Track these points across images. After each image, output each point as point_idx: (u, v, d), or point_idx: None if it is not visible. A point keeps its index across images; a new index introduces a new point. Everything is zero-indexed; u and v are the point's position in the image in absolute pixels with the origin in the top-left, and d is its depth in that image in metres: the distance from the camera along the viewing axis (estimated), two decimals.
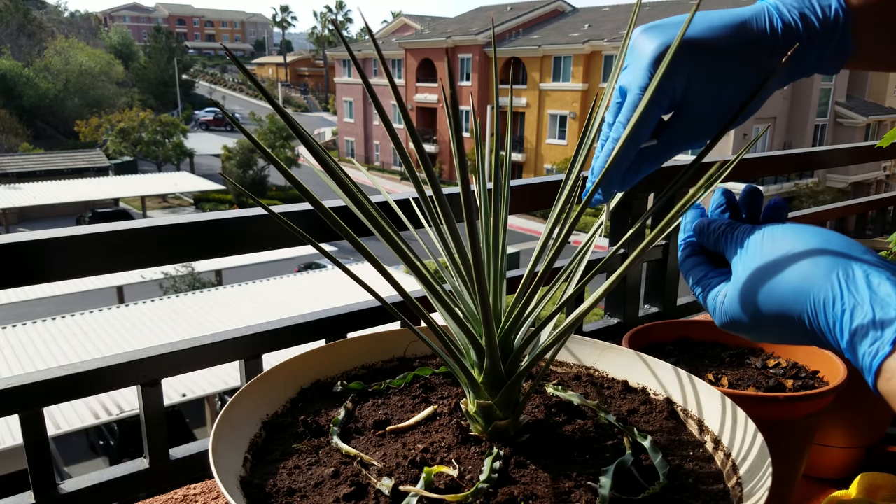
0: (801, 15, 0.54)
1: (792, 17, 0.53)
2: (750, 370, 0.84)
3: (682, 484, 0.55)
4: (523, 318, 0.58)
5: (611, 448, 0.59)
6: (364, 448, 0.58)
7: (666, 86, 0.52)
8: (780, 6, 0.54)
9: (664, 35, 0.53)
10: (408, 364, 0.76)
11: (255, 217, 0.84)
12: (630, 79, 0.54)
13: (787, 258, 0.46)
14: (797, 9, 0.54)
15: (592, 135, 0.59)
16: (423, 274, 0.55)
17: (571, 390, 0.68)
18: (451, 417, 0.62)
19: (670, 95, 0.53)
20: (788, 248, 0.46)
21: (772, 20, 0.53)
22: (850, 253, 0.43)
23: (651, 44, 0.53)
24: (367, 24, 0.48)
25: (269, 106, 0.50)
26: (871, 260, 0.42)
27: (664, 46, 0.52)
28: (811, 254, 0.45)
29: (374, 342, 0.77)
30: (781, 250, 0.46)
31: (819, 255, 0.44)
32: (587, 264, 0.63)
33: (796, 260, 0.45)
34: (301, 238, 0.51)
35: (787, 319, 0.45)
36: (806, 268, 0.44)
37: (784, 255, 0.46)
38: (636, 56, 0.54)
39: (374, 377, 0.73)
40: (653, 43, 0.53)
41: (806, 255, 0.45)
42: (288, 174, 0.48)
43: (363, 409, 0.66)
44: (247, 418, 0.61)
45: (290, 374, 0.69)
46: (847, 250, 0.44)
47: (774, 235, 0.48)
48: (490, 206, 0.61)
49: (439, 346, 0.58)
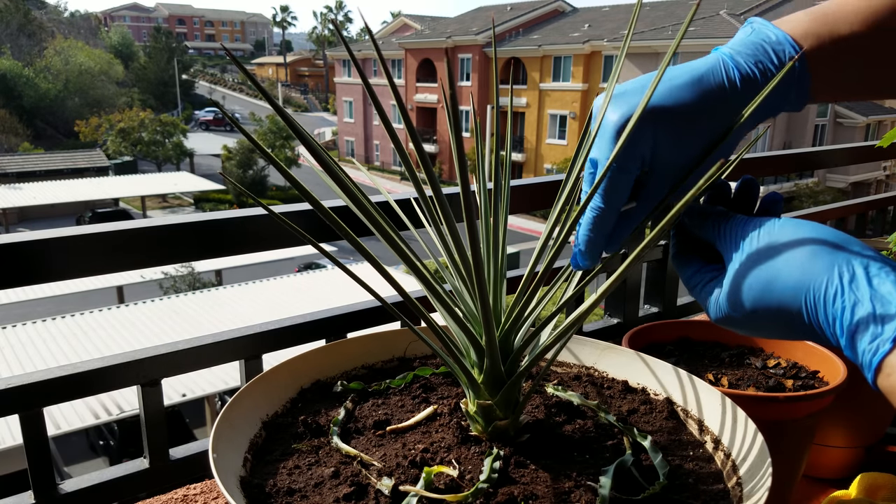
0: (756, 64, 0.54)
1: (749, 66, 0.54)
2: (750, 370, 0.84)
3: (682, 484, 0.55)
4: (523, 318, 0.58)
5: (611, 448, 0.59)
6: (364, 448, 0.59)
7: (634, 154, 0.53)
8: (736, 56, 0.54)
9: (625, 105, 0.54)
10: (408, 364, 0.76)
11: (255, 217, 0.84)
12: (597, 152, 0.55)
13: (785, 253, 0.45)
14: (752, 57, 0.54)
15: (592, 135, 0.59)
16: (423, 274, 0.55)
17: (571, 390, 0.68)
18: (451, 417, 0.62)
19: (639, 161, 0.54)
20: (786, 243, 0.46)
21: (727, 72, 0.54)
22: (849, 248, 0.43)
23: (614, 115, 0.54)
24: (366, 25, 0.48)
25: (269, 106, 0.50)
26: (871, 256, 0.42)
27: (625, 118, 0.53)
28: (809, 249, 0.44)
29: (374, 342, 0.77)
30: (778, 244, 0.46)
31: (818, 250, 0.44)
32: None
33: (794, 255, 0.45)
34: (301, 238, 0.51)
35: (785, 314, 0.45)
36: (805, 263, 0.44)
37: (781, 250, 0.46)
38: (602, 129, 0.55)
39: (374, 377, 0.73)
40: (615, 114, 0.54)
41: (804, 251, 0.45)
42: (287, 174, 0.48)
43: (363, 409, 0.66)
44: (247, 418, 0.61)
45: (290, 374, 0.69)
46: (846, 246, 0.44)
47: (771, 229, 0.48)
48: (490, 206, 0.61)
49: (439, 346, 0.58)
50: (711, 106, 0.53)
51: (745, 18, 0.64)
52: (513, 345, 0.58)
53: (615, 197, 0.54)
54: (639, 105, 0.51)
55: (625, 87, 0.56)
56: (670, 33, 21.88)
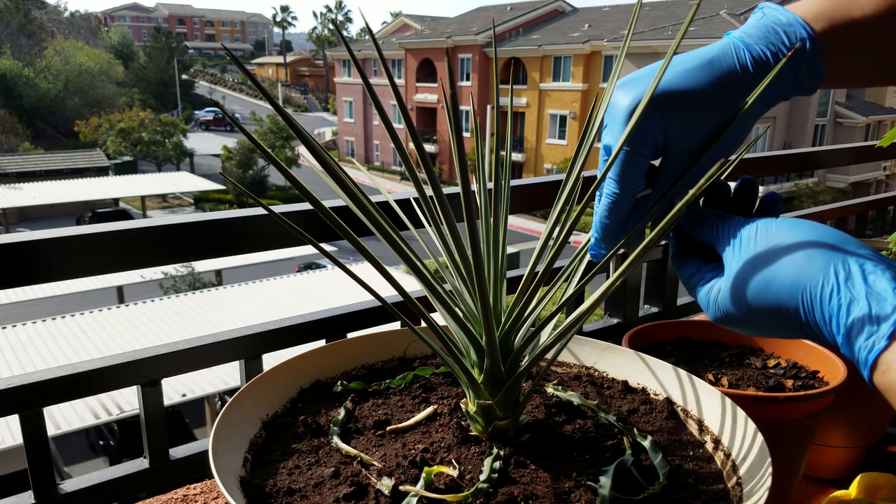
0: (768, 46, 0.54)
1: (760, 49, 0.54)
2: (750, 370, 0.84)
3: (682, 484, 0.55)
4: (523, 318, 0.58)
5: (611, 448, 0.59)
6: (364, 448, 0.58)
7: (646, 137, 0.53)
8: (747, 39, 0.55)
9: (636, 89, 0.54)
10: (408, 364, 0.76)
11: (255, 217, 0.84)
12: (610, 137, 0.55)
13: (782, 252, 0.46)
14: (763, 40, 0.54)
15: (593, 135, 0.59)
16: (423, 274, 0.55)
17: (571, 390, 0.68)
18: (451, 417, 0.62)
19: (652, 146, 0.54)
20: (783, 242, 0.46)
21: (738, 55, 0.54)
22: (845, 247, 0.44)
23: (625, 99, 0.54)
24: (367, 25, 0.48)
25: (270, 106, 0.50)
26: (867, 254, 0.43)
27: (637, 101, 0.53)
28: (806, 248, 0.45)
29: (374, 342, 0.77)
30: (776, 244, 0.46)
31: (814, 249, 0.44)
32: (587, 264, 0.63)
33: (791, 254, 0.45)
34: (301, 238, 0.51)
35: (782, 313, 0.45)
36: (801, 262, 0.44)
37: (778, 250, 0.46)
38: (613, 114, 0.55)
39: (374, 377, 0.73)
40: (626, 98, 0.54)
41: (801, 250, 0.45)
42: (288, 174, 0.48)
43: (363, 409, 0.66)
44: (247, 418, 0.61)
45: (290, 374, 0.69)
46: (842, 244, 0.44)
47: (768, 229, 0.48)
48: (490, 206, 0.61)
49: (439, 346, 0.58)
50: (723, 90, 0.53)
51: (746, 18, 0.63)
52: (513, 345, 0.58)
53: (630, 181, 0.54)
54: (649, 88, 0.51)
55: (635, 74, 0.56)
56: (670, 33, 21.87)
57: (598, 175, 0.54)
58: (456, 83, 0.44)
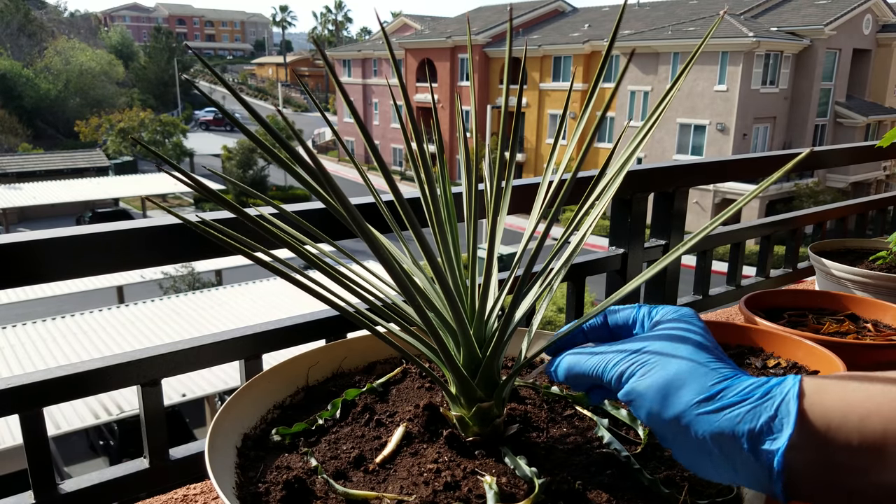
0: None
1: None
2: (750, 370, 0.84)
3: (682, 478, 0.55)
4: (496, 301, 0.58)
5: (596, 440, 0.58)
6: (370, 487, 0.52)
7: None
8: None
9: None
10: (317, 393, 0.69)
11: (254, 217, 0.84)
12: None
13: None
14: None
15: (590, 135, 0.59)
16: (396, 270, 0.52)
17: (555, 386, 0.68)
18: (427, 433, 0.58)
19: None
20: None
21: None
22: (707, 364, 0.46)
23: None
24: (381, 25, 0.48)
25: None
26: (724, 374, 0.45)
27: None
28: None
29: (375, 341, 0.77)
30: None
31: None
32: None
33: None
34: (310, 233, 0.51)
35: None
36: None
37: None
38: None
39: (288, 416, 0.65)
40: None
41: None
42: (291, 171, 0.48)
43: (320, 450, 0.58)
44: (245, 418, 0.61)
45: (290, 374, 0.69)
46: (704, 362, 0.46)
47: None
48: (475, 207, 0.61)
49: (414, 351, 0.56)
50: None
51: (745, 18, 0.63)
52: (487, 329, 0.58)
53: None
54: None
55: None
56: (670, 33, 21.87)
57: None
58: (456, 83, 0.44)
